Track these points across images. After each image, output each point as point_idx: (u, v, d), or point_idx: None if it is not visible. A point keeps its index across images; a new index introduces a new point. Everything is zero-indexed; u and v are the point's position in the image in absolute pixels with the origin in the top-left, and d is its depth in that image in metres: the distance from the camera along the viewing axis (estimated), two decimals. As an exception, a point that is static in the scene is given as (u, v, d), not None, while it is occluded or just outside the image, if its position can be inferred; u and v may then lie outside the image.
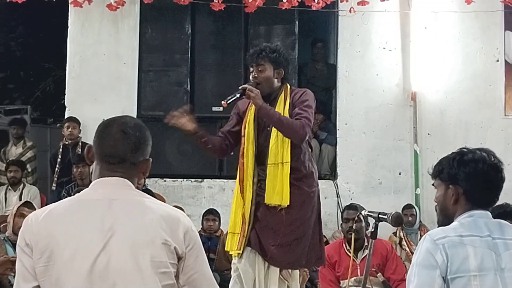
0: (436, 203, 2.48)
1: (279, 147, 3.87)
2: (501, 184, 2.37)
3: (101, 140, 2.09)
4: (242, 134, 3.98)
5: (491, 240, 2.27)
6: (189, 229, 2.05)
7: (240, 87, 3.86)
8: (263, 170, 3.91)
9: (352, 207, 5.30)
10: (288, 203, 3.87)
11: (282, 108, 3.89)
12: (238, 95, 3.83)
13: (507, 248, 2.27)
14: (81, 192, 2.11)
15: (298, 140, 3.87)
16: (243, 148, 3.95)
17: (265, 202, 3.88)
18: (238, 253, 3.91)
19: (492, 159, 2.36)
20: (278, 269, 3.94)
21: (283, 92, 3.95)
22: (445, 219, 2.39)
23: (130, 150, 2.06)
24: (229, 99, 3.82)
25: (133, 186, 2.08)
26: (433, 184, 2.48)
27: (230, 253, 4.02)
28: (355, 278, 4.80)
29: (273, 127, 3.88)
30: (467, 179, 2.33)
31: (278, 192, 3.85)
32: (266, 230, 3.91)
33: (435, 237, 2.26)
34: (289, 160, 3.86)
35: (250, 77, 3.96)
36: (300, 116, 3.84)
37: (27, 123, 8.71)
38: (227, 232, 4.08)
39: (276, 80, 3.95)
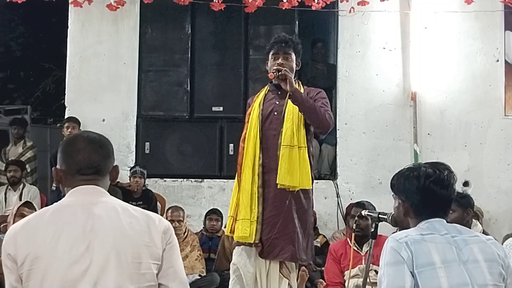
0: None
1: (295, 131, 3.88)
2: (447, 199, 2.47)
3: (71, 156, 2.17)
4: (246, 120, 4.03)
5: (451, 237, 2.38)
6: (168, 228, 2.16)
7: (274, 68, 3.84)
8: (271, 154, 3.90)
9: (361, 204, 5.32)
10: (309, 186, 3.91)
11: None
12: (281, 73, 3.80)
13: (467, 243, 2.37)
14: (60, 200, 2.20)
15: (325, 129, 3.97)
16: (245, 133, 3.98)
17: (277, 183, 3.85)
18: (238, 237, 3.91)
19: (437, 174, 2.45)
20: (278, 266, 3.94)
21: (298, 86, 3.96)
22: (401, 229, 2.51)
23: (102, 159, 2.19)
24: (276, 74, 3.80)
25: (108, 194, 2.19)
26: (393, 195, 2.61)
27: (240, 239, 3.94)
28: (358, 266, 4.91)
29: (284, 114, 3.91)
30: (411, 194, 2.47)
31: (294, 173, 3.84)
32: (266, 222, 3.89)
33: (398, 237, 2.37)
34: (306, 146, 3.91)
35: (273, 63, 3.93)
36: (325, 109, 3.92)
37: (28, 123, 8.71)
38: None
39: (295, 71, 4.01)
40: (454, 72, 7.22)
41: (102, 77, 7.31)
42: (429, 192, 2.44)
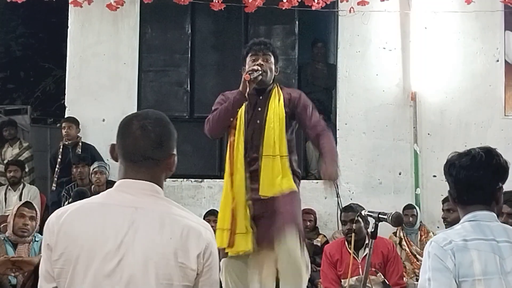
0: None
1: (276, 140, 3.83)
2: (478, 183, 2.30)
3: (122, 138, 2.02)
4: (233, 125, 3.92)
5: (496, 244, 2.26)
6: (209, 245, 1.99)
7: (253, 67, 3.83)
8: (252, 163, 3.85)
9: (349, 208, 5.29)
10: (294, 189, 3.83)
11: (276, 102, 3.92)
12: (257, 75, 3.82)
13: None
14: (106, 193, 2.04)
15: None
16: (234, 141, 3.88)
17: (259, 194, 3.78)
18: (236, 251, 3.81)
19: (460, 156, 2.33)
20: (273, 264, 3.83)
21: (275, 87, 3.99)
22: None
23: (151, 147, 1.99)
24: (253, 75, 3.79)
25: (160, 193, 2.04)
26: None
27: (240, 253, 3.83)
28: (356, 277, 4.79)
29: (265, 122, 3.86)
30: (449, 183, 2.38)
31: (277, 184, 3.78)
32: (262, 223, 3.82)
33: (442, 243, 2.26)
34: (287, 154, 3.87)
35: (251, 64, 3.91)
36: (320, 125, 3.93)
37: (16, 122, 8.61)
38: (215, 229, 3.85)
39: (274, 74, 4.01)
40: (454, 72, 7.23)
41: (102, 77, 7.32)
42: (454, 176, 2.32)
